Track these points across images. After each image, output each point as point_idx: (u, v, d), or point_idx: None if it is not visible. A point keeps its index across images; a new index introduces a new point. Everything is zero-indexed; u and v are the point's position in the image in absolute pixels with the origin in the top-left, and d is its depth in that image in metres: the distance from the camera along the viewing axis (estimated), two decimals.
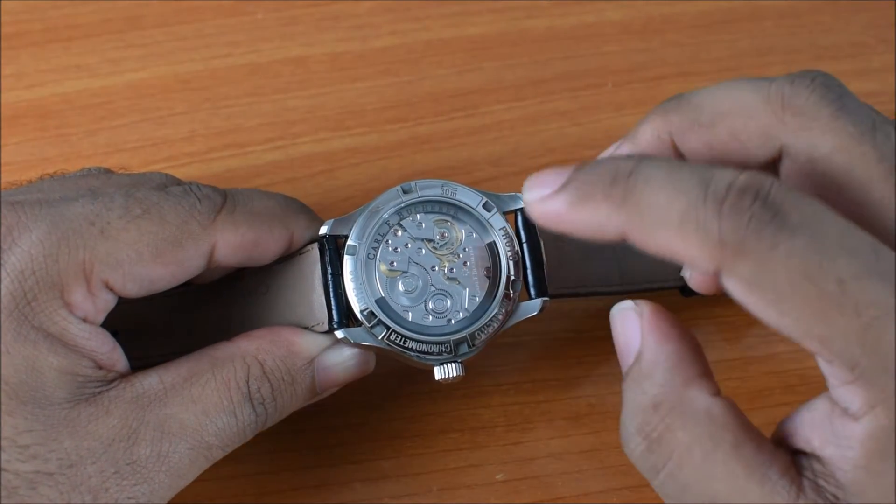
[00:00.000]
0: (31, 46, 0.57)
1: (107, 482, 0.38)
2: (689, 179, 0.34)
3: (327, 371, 0.42)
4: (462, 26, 0.59)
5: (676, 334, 0.37)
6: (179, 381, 0.39)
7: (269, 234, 0.42)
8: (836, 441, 0.34)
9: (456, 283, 0.43)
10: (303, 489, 0.47)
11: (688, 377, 0.36)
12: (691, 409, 0.36)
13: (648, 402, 0.36)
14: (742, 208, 0.33)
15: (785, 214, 0.33)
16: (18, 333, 0.37)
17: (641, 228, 0.34)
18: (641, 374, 0.37)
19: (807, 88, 0.38)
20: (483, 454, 0.48)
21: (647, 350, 0.37)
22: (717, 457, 0.35)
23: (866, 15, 0.60)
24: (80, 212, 0.39)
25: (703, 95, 0.40)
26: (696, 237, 0.33)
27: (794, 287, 0.32)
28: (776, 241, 0.32)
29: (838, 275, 0.32)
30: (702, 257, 0.33)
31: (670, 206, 0.33)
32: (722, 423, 0.35)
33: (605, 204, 0.35)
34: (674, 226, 0.33)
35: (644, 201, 0.34)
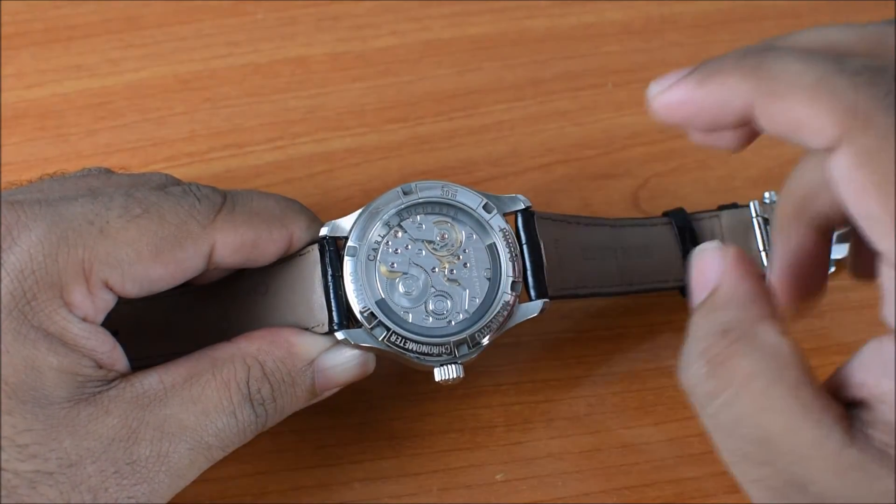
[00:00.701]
0: (31, 46, 0.57)
1: (106, 482, 0.38)
2: (824, 57, 0.34)
3: (327, 372, 0.42)
4: (462, 26, 0.59)
5: (757, 277, 0.37)
6: (179, 382, 0.39)
7: (268, 235, 0.42)
8: (889, 372, 0.33)
9: (456, 285, 0.43)
10: (303, 489, 0.47)
11: (761, 313, 0.36)
12: (759, 342, 0.35)
13: (718, 327, 0.36)
14: (876, 83, 0.33)
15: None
16: (18, 333, 0.37)
17: (773, 94, 0.34)
18: (716, 305, 0.37)
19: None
20: (483, 454, 0.48)
21: (725, 284, 0.37)
22: (776, 391, 0.34)
23: (866, 15, 0.60)
24: (80, 211, 0.39)
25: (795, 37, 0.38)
26: (827, 101, 0.33)
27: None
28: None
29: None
30: (827, 122, 0.33)
31: (805, 72, 0.33)
32: (787, 360, 0.35)
33: (735, 73, 0.35)
34: (807, 89, 0.33)
35: (776, 68, 0.34)
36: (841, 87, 0.33)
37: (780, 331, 0.35)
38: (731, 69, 0.35)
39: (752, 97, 0.34)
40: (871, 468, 0.33)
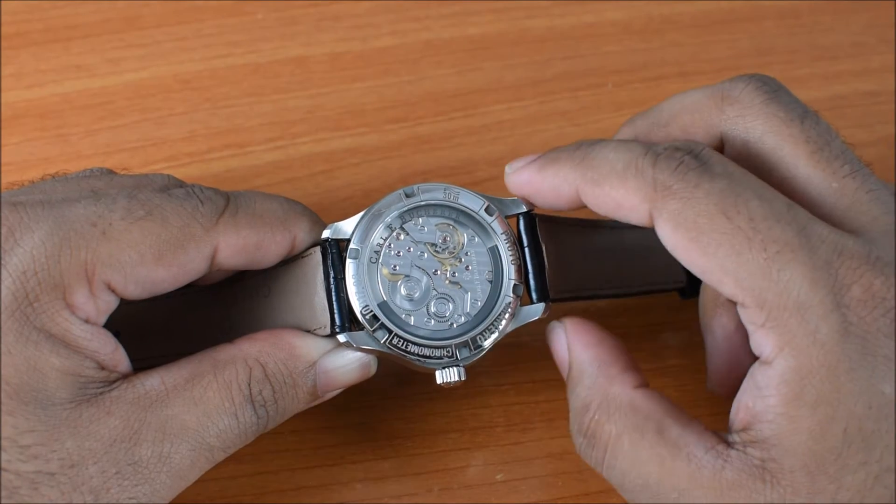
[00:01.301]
0: (31, 46, 0.57)
1: (108, 482, 0.38)
2: (638, 144, 0.40)
3: (329, 374, 0.42)
4: (462, 26, 0.59)
5: (596, 340, 0.42)
6: (181, 383, 0.39)
7: (271, 237, 0.42)
8: (760, 392, 0.37)
9: (458, 287, 0.43)
10: (303, 489, 0.47)
11: (609, 375, 0.41)
12: (616, 403, 0.40)
13: (581, 404, 0.41)
14: (674, 157, 0.39)
15: (710, 165, 0.38)
16: (20, 334, 0.37)
17: (592, 180, 0.40)
18: (573, 381, 0.42)
19: (743, 82, 0.42)
20: (483, 454, 0.48)
21: (573, 358, 0.42)
22: (643, 443, 0.38)
23: (866, 15, 0.60)
24: (83, 213, 0.39)
25: (664, 102, 0.45)
26: (633, 181, 0.39)
27: (712, 221, 0.37)
28: (699, 182, 0.38)
29: (750, 213, 0.37)
30: (638, 200, 0.39)
31: (617, 158, 0.40)
32: (645, 411, 0.39)
33: (567, 164, 0.41)
34: (618, 174, 0.39)
35: (597, 157, 0.40)
36: (642, 168, 0.39)
37: (633, 384, 0.40)
38: (565, 159, 0.42)
39: (578, 185, 0.41)
40: (748, 485, 0.36)
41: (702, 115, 0.43)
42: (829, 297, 0.36)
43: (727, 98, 0.42)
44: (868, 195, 0.40)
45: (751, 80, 0.42)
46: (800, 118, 0.41)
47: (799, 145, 0.40)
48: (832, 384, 0.36)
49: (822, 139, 0.41)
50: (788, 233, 0.37)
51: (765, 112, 0.41)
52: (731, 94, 0.42)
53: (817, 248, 0.37)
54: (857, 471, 0.36)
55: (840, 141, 0.41)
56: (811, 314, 0.36)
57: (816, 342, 0.36)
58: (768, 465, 0.36)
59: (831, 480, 0.36)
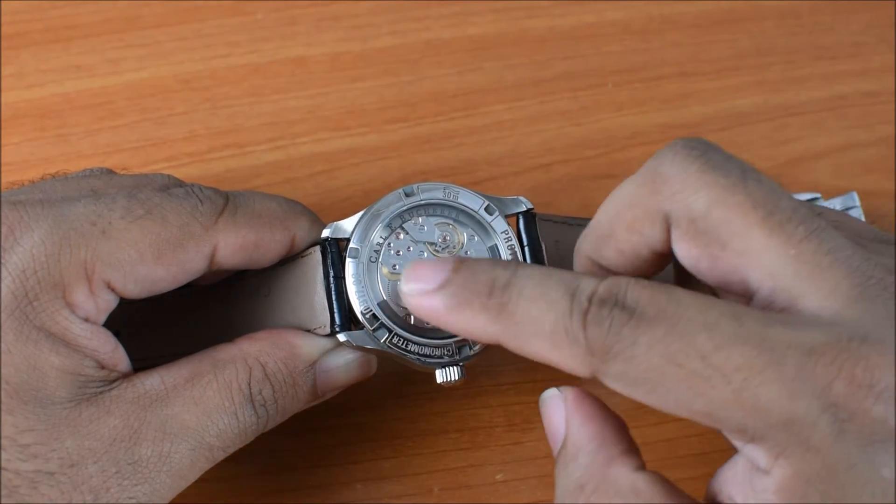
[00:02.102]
0: (32, 46, 0.57)
1: (108, 482, 0.38)
2: (557, 291, 0.36)
3: (329, 374, 0.42)
4: (462, 26, 0.59)
5: (599, 415, 0.39)
6: (181, 382, 0.40)
7: (270, 236, 0.42)
8: (756, 495, 0.35)
9: None
10: (303, 489, 0.47)
11: (610, 456, 0.38)
12: (615, 487, 0.37)
13: (573, 485, 0.38)
14: (602, 316, 0.35)
15: (642, 311, 0.35)
16: (20, 333, 0.37)
17: (517, 339, 0.36)
18: (567, 457, 0.38)
19: (670, 154, 0.38)
20: (483, 454, 0.48)
21: (571, 433, 0.39)
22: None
23: (867, 15, 0.60)
24: (82, 212, 0.39)
25: (599, 210, 0.41)
26: (567, 348, 0.35)
27: (663, 373, 0.34)
28: (636, 337, 0.34)
29: (700, 351, 0.34)
30: (576, 365, 0.35)
31: (542, 318, 0.36)
32: (647, 496, 0.36)
33: (482, 314, 0.37)
34: (546, 338, 0.36)
35: (518, 314, 0.36)
36: (573, 332, 0.35)
37: (634, 466, 0.37)
38: (479, 308, 0.37)
39: (499, 339, 0.37)
40: None
41: (640, 206, 0.39)
42: (812, 404, 0.33)
43: (658, 178, 0.38)
44: (827, 258, 0.36)
45: (676, 151, 0.38)
46: (742, 181, 0.37)
47: (748, 212, 0.36)
48: (834, 484, 0.34)
49: (771, 201, 0.37)
50: (748, 355, 0.34)
51: (703, 181, 0.37)
52: (661, 173, 0.38)
53: (785, 359, 0.34)
54: None
55: (788, 198, 0.37)
56: (799, 426, 0.34)
57: (811, 449, 0.34)
58: None
59: None
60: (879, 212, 0.55)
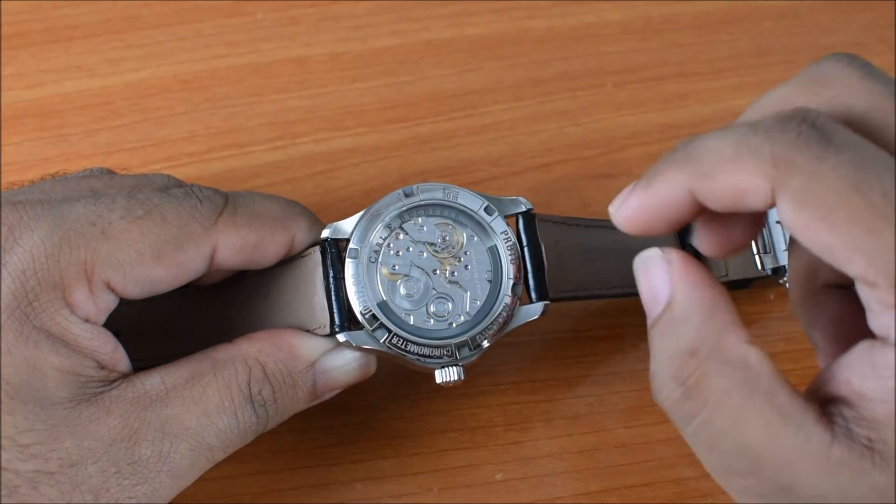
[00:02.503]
0: (32, 46, 0.57)
1: (108, 482, 0.38)
2: (738, 127, 0.35)
3: (328, 374, 0.42)
4: (462, 26, 0.59)
5: (709, 282, 0.37)
6: (181, 382, 0.40)
7: (270, 237, 0.42)
8: (876, 372, 0.34)
9: (457, 287, 0.43)
10: (302, 489, 0.47)
11: (723, 324, 0.36)
12: (728, 356, 0.35)
13: (685, 348, 0.36)
14: (789, 129, 0.34)
15: (830, 134, 0.34)
16: (20, 333, 0.37)
17: (704, 174, 0.36)
18: (675, 321, 0.37)
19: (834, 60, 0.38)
20: (482, 454, 0.48)
21: (679, 296, 0.37)
22: (752, 404, 0.35)
23: (866, 15, 0.60)
24: (82, 212, 0.39)
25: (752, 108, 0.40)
26: (751, 162, 0.34)
27: (843, 198, 0.33)
28: (824, 155, 0.33)
29: (884, 188, 0.33)
30: (758, 181, 0.34)
31: (724, 145, 0.35)
32: (758, 370, 0.35)
33: (671, 170, 0.36)
34: (730, 159, 0.35)
35: (700, 151, 0.36)
36: (757, 145, 0.34)
37: (745, 340, 0.36)
38: (666, 167, 0.37)
39: (690, 184, 0.36)
40: (856, 465, 0.33)
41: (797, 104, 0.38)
42: None
43: (819, 80, 0.38)
44: None
45: (841, 58, 0.38)
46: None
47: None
48: None
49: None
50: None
51: (864, 88, 0.37)
52: (823, 76, 0.38)
53: None
54: None
55: None
56: None
57: None
58: (878, 447, 0.34)
59: None
60: None
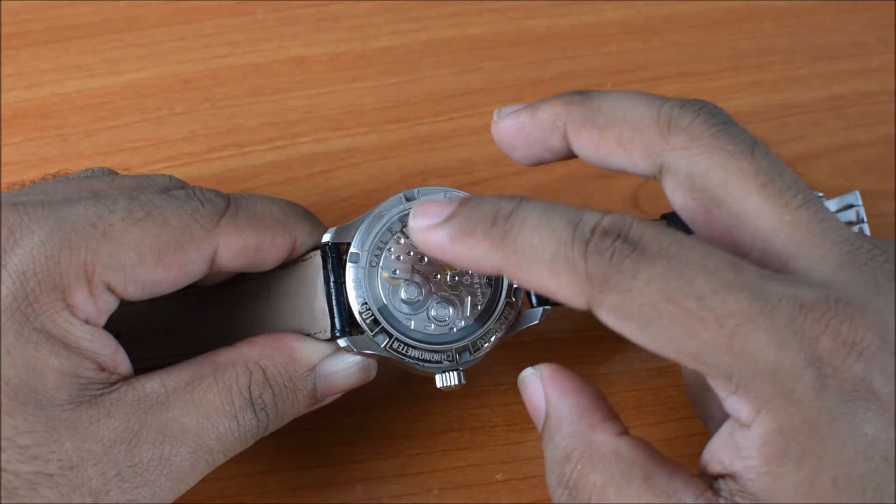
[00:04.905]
0: (31, 46, 0.57)
1: (108, 484, 0.38)
2: (561, 221, 0.36)
3: (329, 378, 0.42)
4: (462, 26, 0.59)
5: (576, 387, 0.40)
6: (181, 385, 0.39)
7: (271, 239, 0.42)
8: (739, 453, 0.35)
9: (458, 292, 0.43)
10: (303, 489, 0.47)
11: (591, 423, 0.38)
12: (599, 452, 0.38)
13: (560, 454, 0.38)
14: (605, 247, 0.35)
15: (644, 247, 0.35)
16: (20, 334, 0.37)
17: (517, 266, 0.36)
18: (551, 430, 0.39)
19: (692, 112, 0.40)
20: (483, 454, 0.48)
21: (551, 407, 0.40)
22: (630, 492, 0.37)
23: (866, 15, 0.60)
24: (83, 213, 0.39)
25: (604, 98, 0.42)
26: (565, 275, 0.35)
27: (658, 310, 0.34)
28: (637, 271, 0.35)
29: (697, 292, 0.34)
30: (573, 293, 0.35)
31: (543, 246, 0.36)
32: (630, 459, 0.37)
33: (484, 242, 0.37)
34: (546, 265, 0.36)
35: (520, 241, 0.36)
36: (574, 259, 0.35)
37: (616, 432, 0.38)
38: (481, 236, 0.37)
39: (499, 266, 0.37)
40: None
41: (643, 135, 0.40)
42: (799, 356, 0.34)
43: (673, 127, 0.40)
44: (820, 226, 0.38)
45: (700, 111, 0.40)
46: (749, 150, 0.39)
47: (749, 178, 0.38)
48: (816, 438, 0.35)
49: (773, 171, 0.38)
50: (743, 302, 0.34)
51: (713, 146, 0.39)
52: (678, 124, 0.40)
53: (776, 310, 0.35)
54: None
55: (790, 171, 0.39)
56: (784, 377, 0.34)
57: (794, 401, 0.34)
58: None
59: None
60: (879, 212, 0.55)
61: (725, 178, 0.39)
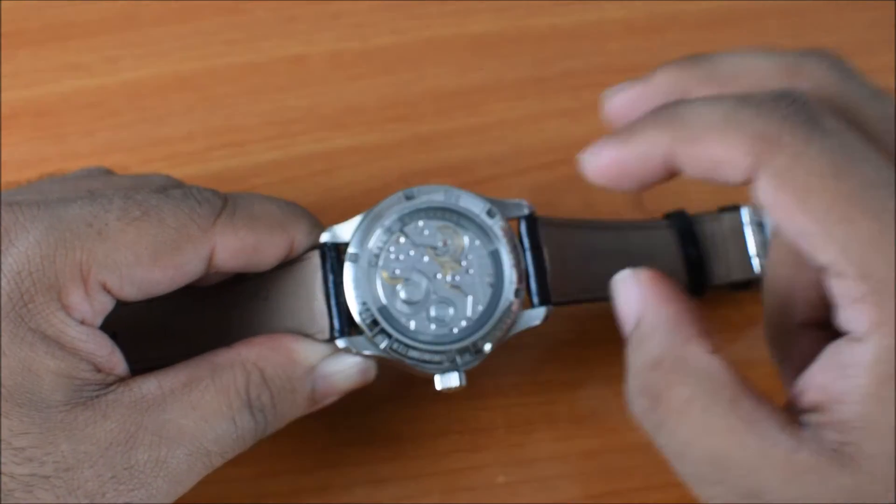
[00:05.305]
0: (29, 45, 0.57)
1: (104, 486, 0.37)
2: (730, 97, 0.36)
3: (328, 380, 0.42)
4: (463, 25, 0.59)
5: (674, 296, 0.38)
6: (178, 387, 0.39)
7: (269, 239, 0.42)
8: (844, 372, 0.34)
9: (459, 291, 0.42)
10: (302, 492, 0.47)
11: (687, 336, 0.37)
12: (690, 366, 0.37)
13: (650, 361, 0.37)
14: (779, 107, 0.35)
15: (819, 118, 0.35)
16: (15, 335, 0.37)
17: (689, 139, 0.36)
18: (642, 337, 0.38)
19: (817, 58, 0.39)
20: (484, 456, 0.48)
21: (646, 313, 0.39)
22: (715, 411, 0.35)
23: (868, 15, 0.60)
24: (78, 213, 0.39)
25: (720, 56, 0.41)
26: (736, 134, 0.35)
27: (824, 182, 0.34)
28: (810, 138, 0.34)
29: (866, 177, 0.34)
30: (740, 154, 0.35)
31: (713, 112, 0.36)
32: (720, 378, 0.36)
33: (654, 128, 0.37)
34: (716, 128, 0.36)
35: (688, 114, 0.37)
36: (746, 119, 0.35)
37: (709, 349, 0.37)
38: (649, 124, 0.38)
39: (670, 146, 0.37)
40: (823, 468, 0.34)
41: (771, 84, 0.39)
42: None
43: (800, 73, 0.39)
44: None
45: (825, 58, 0.39)
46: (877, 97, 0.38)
47: (880, 122, 0.38)
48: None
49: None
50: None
51: (843, 90, 0.38)
52: (803, 69, 0.39)
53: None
54: None
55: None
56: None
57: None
58: (846, 449, 0.34)
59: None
60: None
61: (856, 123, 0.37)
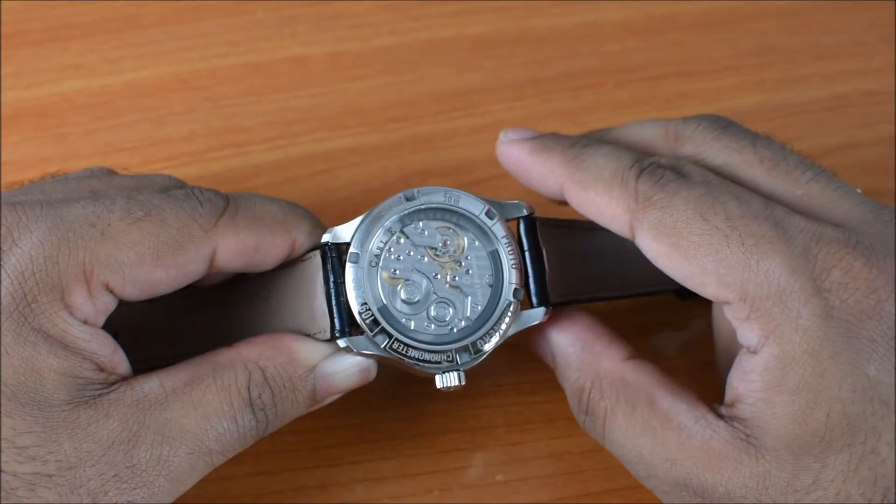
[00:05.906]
0: (31, 46, 0.57)
1: (106, 485, 0.37)
2: (628, 155, 0.41)
3: (328, 379, 0.42)
4: (462, 26, 0.59)
5: (569, 322, 0.43)
6: (180, 386, 0.39)
7: (270, 239, 0.42)
8: (744, 377, 0.38)
9: (458, 292, 0.42)
10: (302, 490, 0.47)
11: (595, 352, 0.42)
12: (607, 379, 0.41)
13: (575, 387, 0.42)
14: (656, 173, 0.40)
15: (690, 176, 0.40)
16: (18, 335, 0.37)
17: (579, 181, 0.41)
18: (561, 368, 0.43)
19: (694, 123, 0.43)
20: (483, 455, 0.48)
21: (553, 347, 0.43)
22: (636, 415, 0.40)
23: (867, 14, 0.60)
24: (81, 213, 0.39)
25: (616, 129, 0.46)
26: (617, 191, 0.40)
27: (691, 226, 0.38)
28: (677, 190, 0.39)
29: (727, 213, 0.38)
30: (620, 210, 0.40)
31: (606, 166, 0.41)
32: (636, 384, 0.40)
33: (558, 158, 0.42)
34: (604, 182, 0.40)
35: (588, 161, 0.41)
36: (627, 179, 0.40)
37: (621, 357, 0.41)
38: (558, 152, 0.43)
39: (566, 182, 0.42)
40: (736, 456, 0.38)
41: (656, 150, 0.44)
42: (808, 282, 0.37)
43: (680, 137, 0.43)
44: (836, 192, 0.40)
45: (701, 121, 0.43)
46: (751, 143, 0.42)
47: (754, 166, 0.41)
48: (815, 369, 0.37)
49: (777, 156, 0.42)
50: (765, 226, 0.38)
51: (717, 146, 0.42)
52: (683, 134, 0.43)
53: (794, 238, 0.37)
54: (842, 451, 0.37)
55: (796, 154, 0.42)
56: (792, 300, 0.37)
57: (799, 328, 0.37)
58: (753, 441, 0.38)
59: (815, 460, 0.37)
60: None
61: (733, 172, 0.41)
